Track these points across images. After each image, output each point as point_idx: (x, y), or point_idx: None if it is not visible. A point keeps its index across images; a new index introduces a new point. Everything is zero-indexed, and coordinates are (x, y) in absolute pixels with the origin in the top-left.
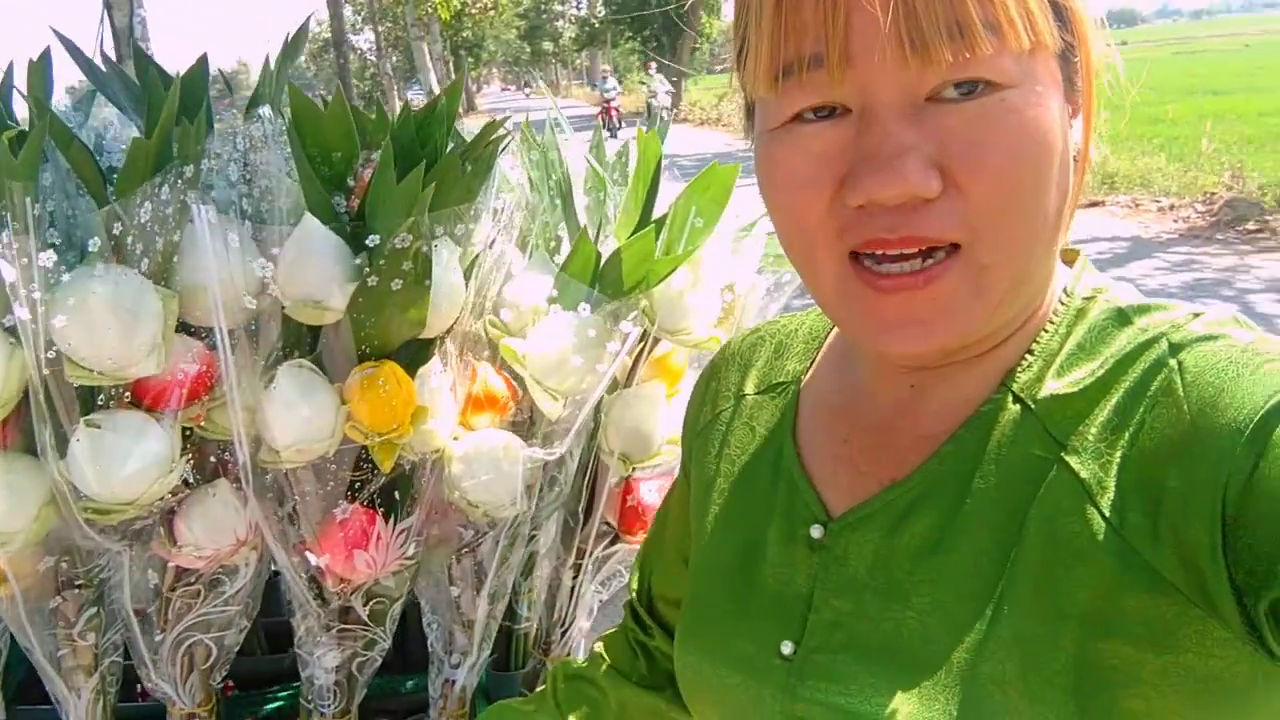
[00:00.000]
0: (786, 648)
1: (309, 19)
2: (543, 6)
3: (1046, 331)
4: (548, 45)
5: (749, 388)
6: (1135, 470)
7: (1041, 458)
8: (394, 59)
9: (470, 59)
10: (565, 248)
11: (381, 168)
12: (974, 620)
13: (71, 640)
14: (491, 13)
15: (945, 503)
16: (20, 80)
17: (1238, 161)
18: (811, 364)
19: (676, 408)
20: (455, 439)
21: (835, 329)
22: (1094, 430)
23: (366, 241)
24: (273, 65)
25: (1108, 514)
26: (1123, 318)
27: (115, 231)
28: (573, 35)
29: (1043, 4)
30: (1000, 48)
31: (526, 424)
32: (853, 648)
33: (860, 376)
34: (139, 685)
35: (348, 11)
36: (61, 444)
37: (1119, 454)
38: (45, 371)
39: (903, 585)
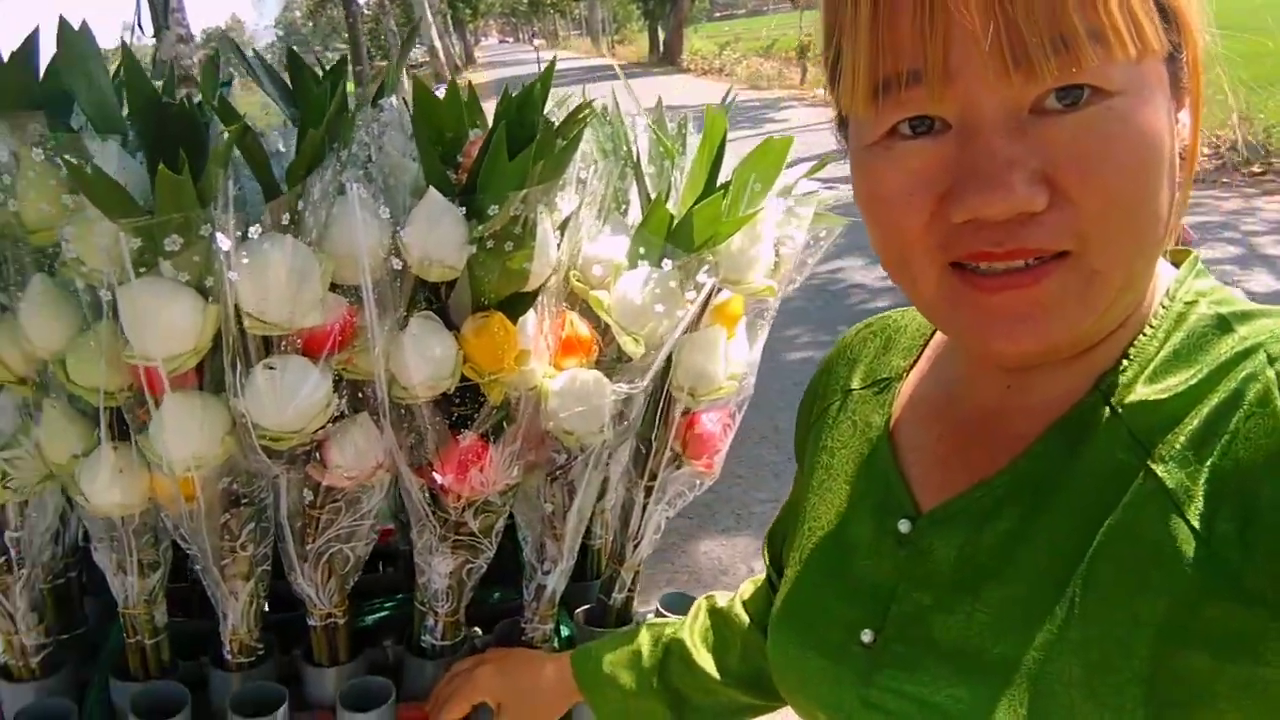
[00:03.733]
0: (867, 635)
1: (416, 25)
2: None
3: (1145, 335)
4: None
5: (855, 382)
6: (1227, 480)
7: (1127, 463)
8: (396, 14)
9: (468, 10)
10: (632, 212)
11: (495, 147)
12: (1045, 620)
13: (235, 551)
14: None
15: (1028, 503)
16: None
17: (1244, 104)
18: (916, 360)
19: (735, 349)
20: (549, 377)
21: None
22: (1183, 438)
23: (489, 211)
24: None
25: (1194, 523)
26: (1224, 325)
27: (293, 211)
28: None
29: (1149, 9)
30: (1106, 58)
31: (611, 363)
32: (928, 640)
33: (959, 374)
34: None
35: None
36: (242, 384)
37: (1210, 463)
38: (233, 324)
39: (980, 582)
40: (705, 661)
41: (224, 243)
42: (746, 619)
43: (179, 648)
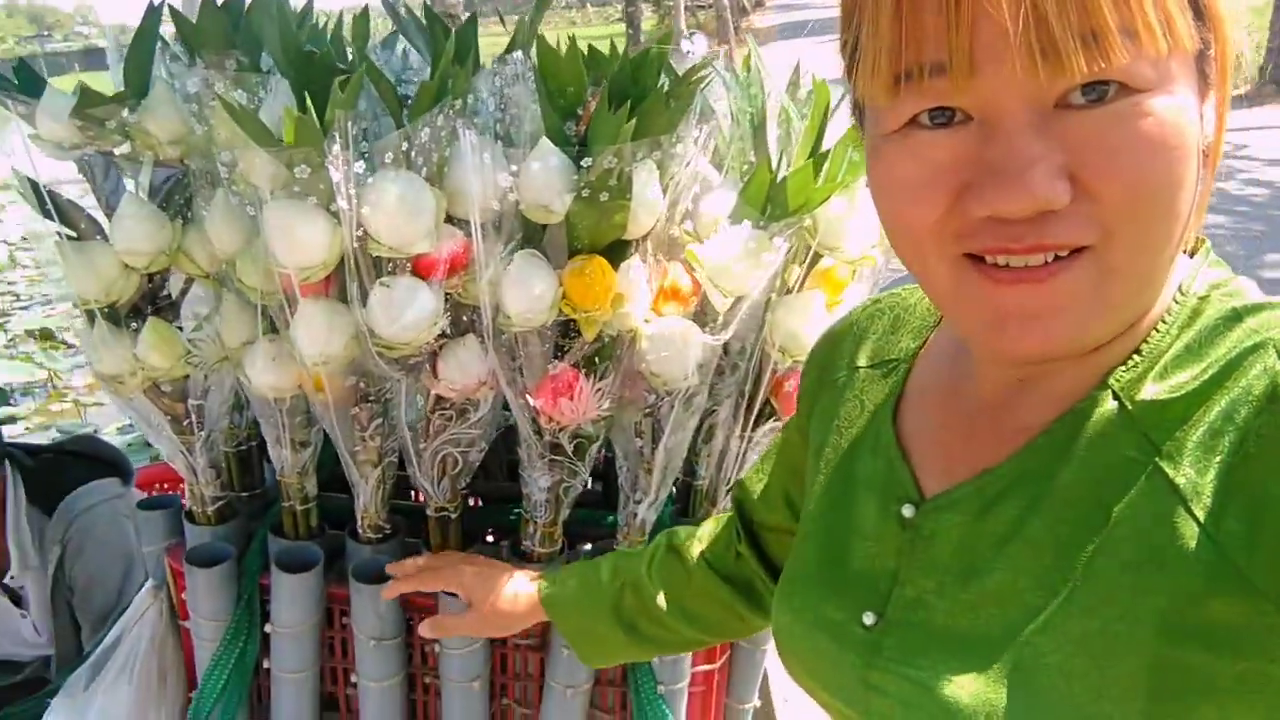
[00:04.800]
0: (869, 618)
1: None
2: None
3: (1158, 331)
4: None
5: (862, 360)
6: (1236, 476)
7: (1134, 460)
8: None
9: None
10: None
11: (601, 102)
12: (1044, 610)
13: (364, 440)
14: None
15: (1031, 494)
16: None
17: None
18: (925, 342)
19: (835, 314)
20: (646, 321)
21: None
22: (1194, 436)
23: (582, 163)
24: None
25: (1202, 520)
26: (1235, 318)
27: (405, 148)
28: None
29: (1182, 4)
30: (1136, 54)
31: (702, 314)
32: (929, 625)
33: (968, 362)
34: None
35: None
36: (364, 297)
37: (1219, 459)
38: (355, 245)
39: (981, 570)
40: (659, 598)
41: (334, 174)
42: (701, 562)
43: (331, 518)
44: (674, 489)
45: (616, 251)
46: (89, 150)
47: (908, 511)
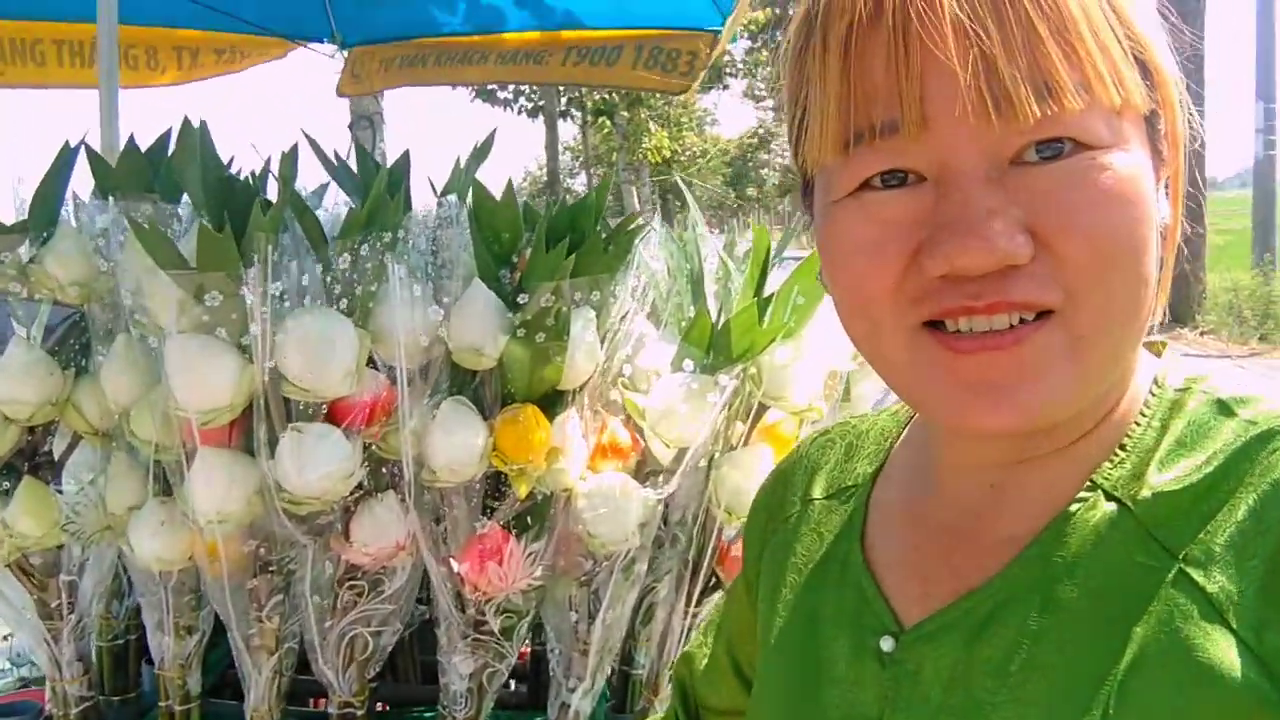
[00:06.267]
0: None
1: (494, 132)
2: (749, 155)
3: (1139, 424)
4: (751, 191)
5: (817, 492)
6: (1275, 583)
7: (1148, 566)
8: (607, 202)
9: (677, 202)
10: None
11: (536, 242)
12: None
13: (260, 620)
14: (700, 160)
15: (1030, 612)
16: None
17: None
18: (882, 465)
19: None
20: (582, 479)
21: (907, 429)
22: (1221, 539)
23: (518, 299)
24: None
25: (1241, 633)
26: (1224, 409)
27: (327, 280)
28: (775, 182)
29: (1129, 62)
30: (1090, 103)
31: (643, 469)
32: None
33: (934, 475)
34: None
35: (565, 158)
36: (272, 445)
37: (1252, 564)
38: (265, 384)
39: (984, 706)
40: None
41: (250, 297)
42: None
43: None
44: (610, 681)
45: (550, 404)
46: None
47: (887, 645)
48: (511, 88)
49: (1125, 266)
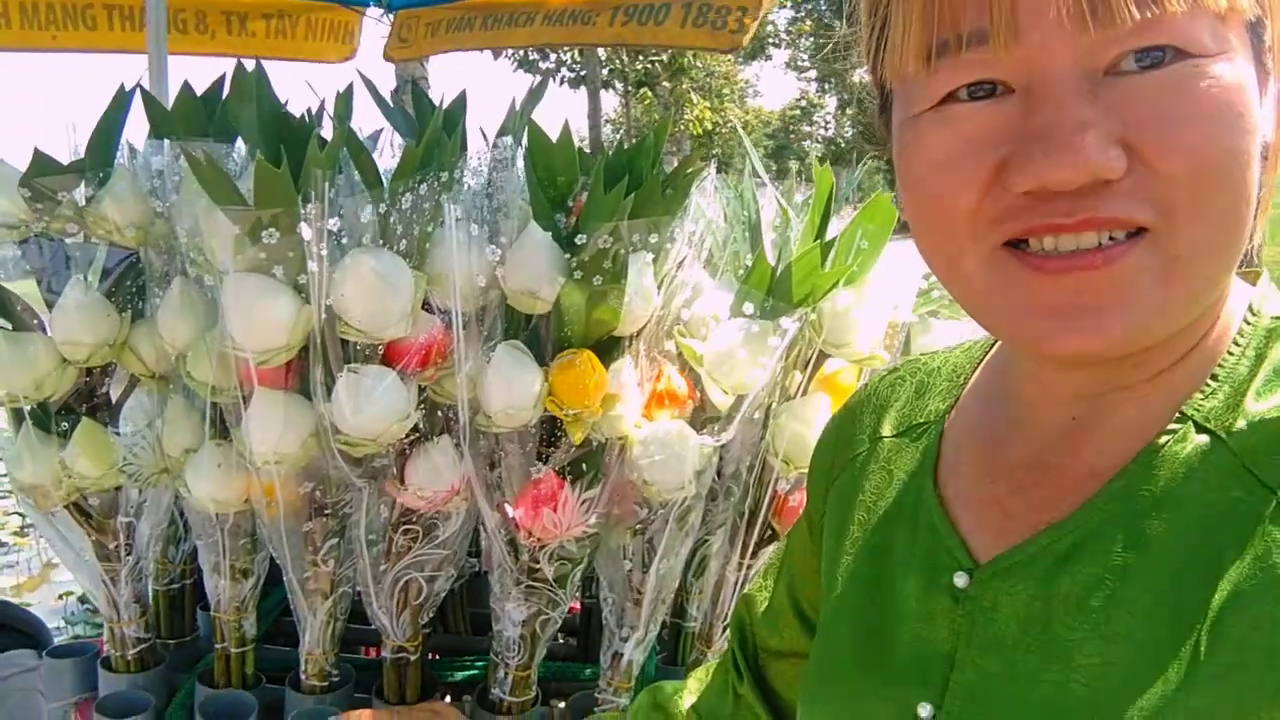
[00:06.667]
0: (925, 710)
1: (547, 76)
2: (790, 127)
3: (1232, 354)
4: (793, 164)
5: (886, 429)
6: None
7: (1244, 500)
8: None
9: (720, 174)
10: None
11: (594, 183)
12: (1159, 685)
13: (316, 564)
14: (741, 132)
15: (1115, 548)
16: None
17: None
18: (955, 402)
19: None
20: (638, 427)
21: (983, 364)
22: None
23: (575, 240)
24: (518, 107)
25: None
26: None
27: (384, 214)
28: (818, 155)
29: None
30: (1193, 7)
31: (699, 418)
32: (1003, 714)
33: (1012, 409)
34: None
35: (607, 130)
36: (328, 388)
37: None
38: (323, 323)
39: (1064, 642)
40: None
41: (307, 233)
42: (693, 717)
43: (269, 673)
44: (661, 634)
45: (607, 350)
46: (36, 232)
47: (961, 581)
48: (554, 57)
49: (1226, 185)
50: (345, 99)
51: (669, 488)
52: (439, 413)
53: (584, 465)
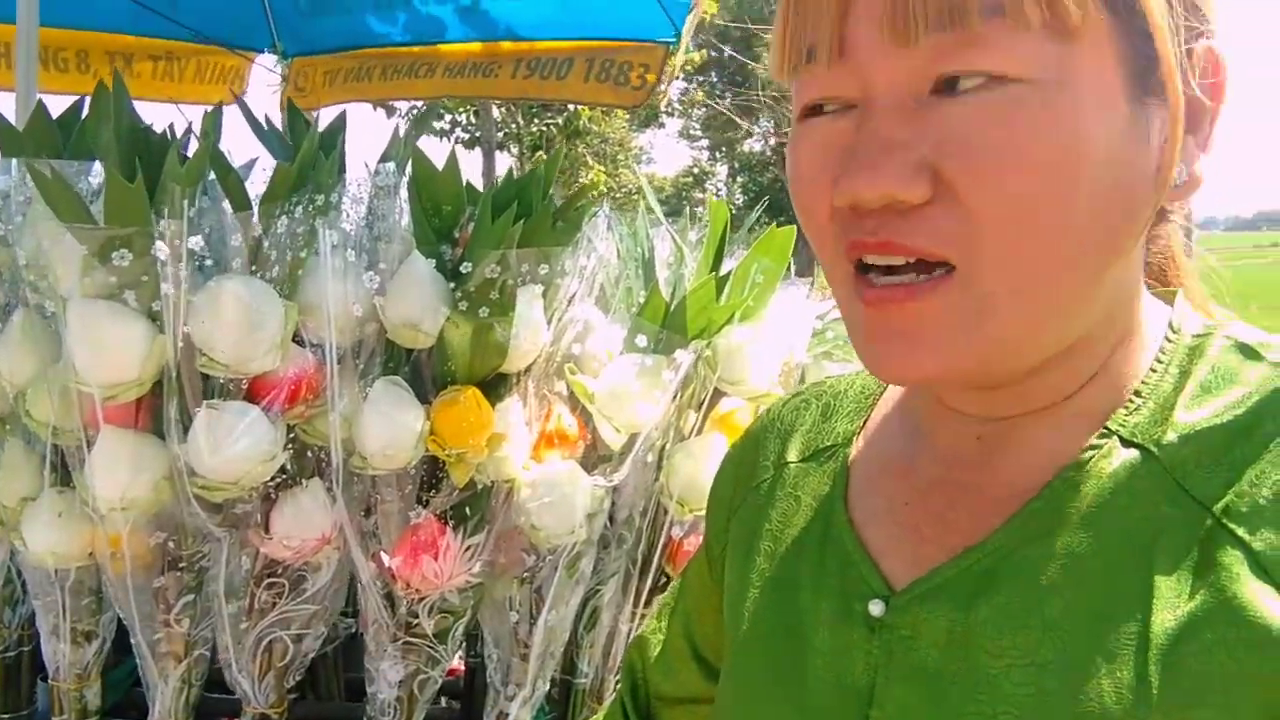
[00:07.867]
0: None
1: (436, 104)
2: (684, 193)
3: (1155, 372)
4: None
5: (792, 455)
6: None
7: (1177, 517)
8: None
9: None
10: None
11: (481, 211)
12: (1097, 714)
13: (168, 624)
14: (635, 195)
15: (1038, 569)
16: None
17: None
18: (864, 423)
19: None
20: (526, 469)
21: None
22: (1266, 490)
23: (460, 268)
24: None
25: None
26: (1250, 353)
27: (254, 237)
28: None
29: None
30: (1009, 30)
31: (592, 456)
32: None
33: (919, 429)
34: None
35: None
36: (183, 426)
37: None
38: (179, 354)
39: (990, 670)
40: None
41: (163, 252)
42: None
43: None
44: (550, 693)
45: (493, 387)
46: None
47: (876, 609)
48: (448, 118)
49: (1040, 221)
50: (214, 115)
51: (559, 532)
52: (309, 454)
53: (468, 509)
